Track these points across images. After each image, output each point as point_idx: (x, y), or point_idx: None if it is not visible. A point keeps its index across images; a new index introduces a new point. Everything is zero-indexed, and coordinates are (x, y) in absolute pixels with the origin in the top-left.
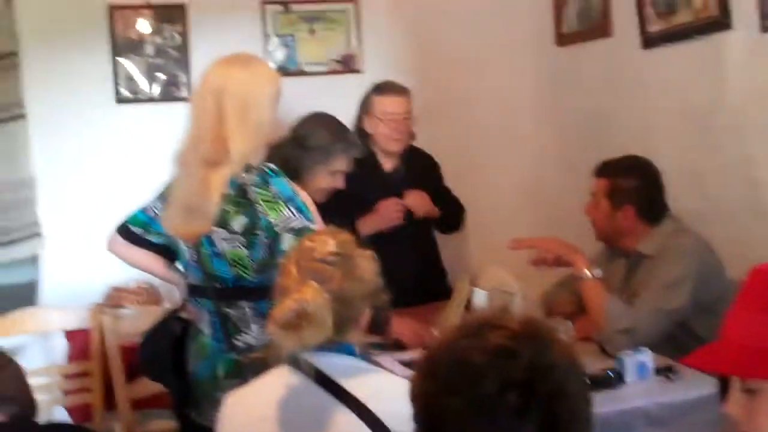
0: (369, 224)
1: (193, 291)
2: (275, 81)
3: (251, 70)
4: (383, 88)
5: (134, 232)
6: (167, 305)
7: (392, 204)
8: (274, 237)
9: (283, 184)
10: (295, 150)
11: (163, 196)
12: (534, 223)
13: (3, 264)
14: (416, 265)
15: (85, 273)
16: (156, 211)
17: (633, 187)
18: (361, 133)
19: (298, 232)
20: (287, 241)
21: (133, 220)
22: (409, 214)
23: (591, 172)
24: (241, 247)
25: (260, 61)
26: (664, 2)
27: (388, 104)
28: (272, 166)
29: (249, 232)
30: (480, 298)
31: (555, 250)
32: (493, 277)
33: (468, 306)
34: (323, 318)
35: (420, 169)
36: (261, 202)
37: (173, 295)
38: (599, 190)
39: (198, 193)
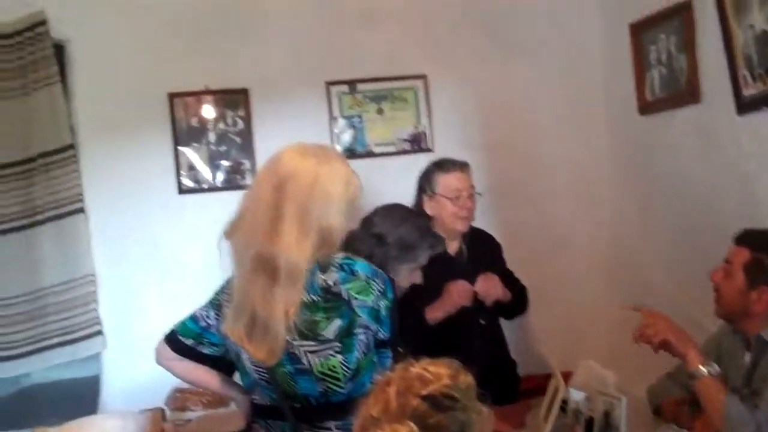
0: (437, 309)
1: (263, 412)
2: (353, 186)
3: (326, 167)
4: (445, 165)
5: (185, 343)
6: (234, 407)
7: (460, 285)
8: (376, 317)
9: (364, 264)
10: (376, 247)
11: (215, 303)
12: (613, 294)
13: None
14: (487, 355)
15: (147, 371)
16: (208, 321)
17: None
18: (422, 214)
19: (386, 294)
20: (384, 306)
21: (183, 330)
22: (478, 303)
23: (732, 238)
24: (336, 354)
25: (342, 161)
26: (760, 64)
27: (453, 181)
28: (346, 254)
29: (345, 335)
30: (578, 400)
31: (664, 333)
32: (589, 375)
33: (564, 407)
34: None
35: (483, 250)
36: (356, 296)
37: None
38: (736, 261)
39: (266, 309)
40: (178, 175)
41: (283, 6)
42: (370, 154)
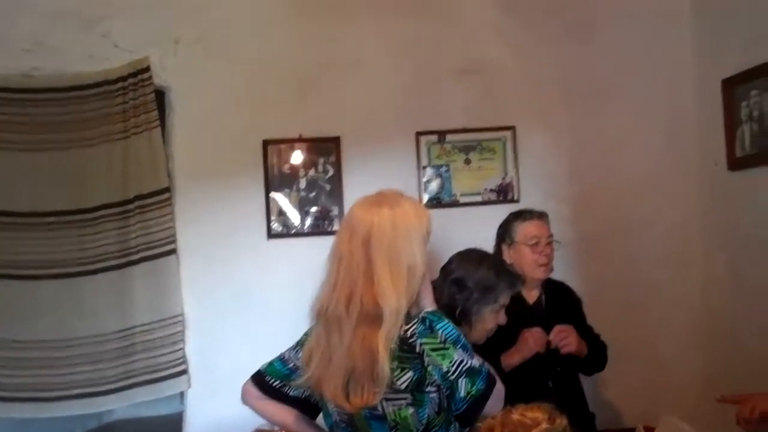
0: (512, 355)
1: None
2: (425, 218)
3: (398, 210)
4: (523, 214)
5: (271, 384)
6: None
7: (536, 332)
8: (449, 387)
9: (448, 326)
10: (457, 292)
11: (304, 345)
12: (707, 359)
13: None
14: (563, 405)
15: (230, 410)
16: (296, 363)
17: None
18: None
19: (473, 374)
20: (463, 387)
21: (271, 371)
22: (554, 353)
23: None
24: (407, 406)
25: (407, 198)
26: None
27: (531, 229)
28: (433, 309)
29: (417, 389)
30: None
31: (762, 405)
32: (671, 430)
33: None
34: None
35: (562, 302)
36: (430, 353)
37: None
38: None
39: (362, 357)
40: (269, 220)
41: (379, 56)
42: (456, 204)
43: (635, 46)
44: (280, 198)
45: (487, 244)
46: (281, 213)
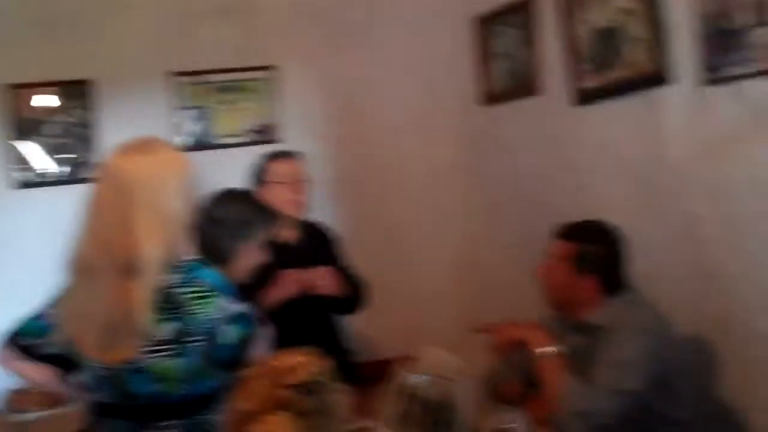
0: (270, 297)
1: (103, 410)
2: (186, 166)
3: (157, 157)
4: (277, 154)
5: (27, 343)
6: (75, 406)
7: (293, 274)
8: (213, 335)
9: (211, 273)
10: (215, 231)
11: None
12: (465, 292)
13: None
14: (317, 345)
15: None
16: (53, 319)
17: (600, 255)
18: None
19: (239, 320)
20: (229, 333)
21: (26, 330)
22: (313, 295)
23: (551, 233)
24: (170, 357)
25: (167, 145)
26: (597, 57)
27: (285, 168)
28: (195, 257)
29: (179, 339)
30: (419, 383)
31: (509, 335)
32: (432, 360)
33: (410, 393)
34: None
35: (320, 242)
36: (192, 302)
37: None
38: (561, 255)
39: (119, 309)
40: (14, 168)
41: None
42: (219, 146)
43: None
44: (26, 146)
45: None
46: (25, 162)
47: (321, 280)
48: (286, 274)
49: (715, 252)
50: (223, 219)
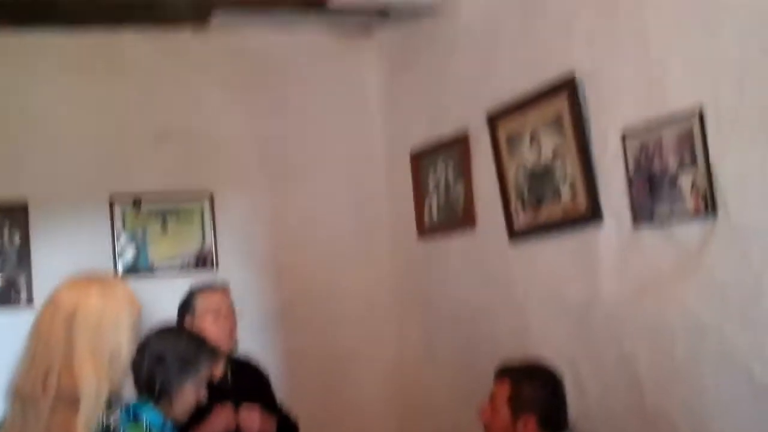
0: None
1: None
2: (134, 303)
3: (106, 292)
4: (204, 286)
5: None
6: None
7: (225, 410)
8: None
9: (151, 412)
10: (156, 367)
11: None
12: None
13: None
14: None
15: None
16: None
17: (537, 395)
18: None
19: None
20: None
21: None
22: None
23: (491, 374)
24: None
25: (118, 281)
26: (530, 195)
27: (212, 300)
28: (136, 396)
29: None
30: None
31: None
32: None
33: None
34: None
35: (249, 379)
36: None
37: None
38: (499, 395)
39: None
40: None
41: (72, 117)
42: (153, 272)
43: (327, 120)
44: None
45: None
46: None
47: (249, 419)
48: (214, 413)
49: (653, 392)
50: (165, 356)
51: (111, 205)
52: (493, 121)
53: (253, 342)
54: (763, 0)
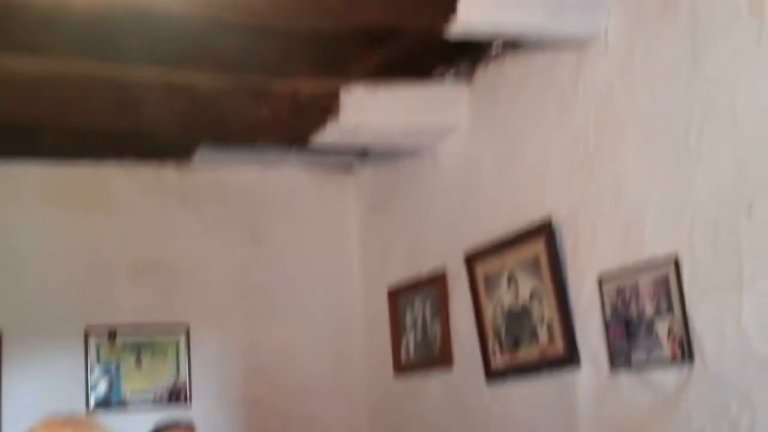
0: None
1: None
2: None
3: None
4: (171, 423)
5: None
6: None
7: None
8: None
9: None
10: None
11: None
12: None
13: None
14: None
15: None
16: None
17: None
18: None
19: None
20: None
21: None
22: None
23: None
24: None
25: (93, 423)
26: (507, 336)
27: None
28: None
29: None
30: None
31: None
32: None
33: None
34: None
35: None
36: None
37: None
38: None
39: None
40: None
41: (47, 249)
42: (126, 407)
43: (306, 255)
44: None
45: None
46: None
47: None
48: None
49: None
50: None
51: (86, 337)
52: (471, 261)
53: None
54: (736, 150)
